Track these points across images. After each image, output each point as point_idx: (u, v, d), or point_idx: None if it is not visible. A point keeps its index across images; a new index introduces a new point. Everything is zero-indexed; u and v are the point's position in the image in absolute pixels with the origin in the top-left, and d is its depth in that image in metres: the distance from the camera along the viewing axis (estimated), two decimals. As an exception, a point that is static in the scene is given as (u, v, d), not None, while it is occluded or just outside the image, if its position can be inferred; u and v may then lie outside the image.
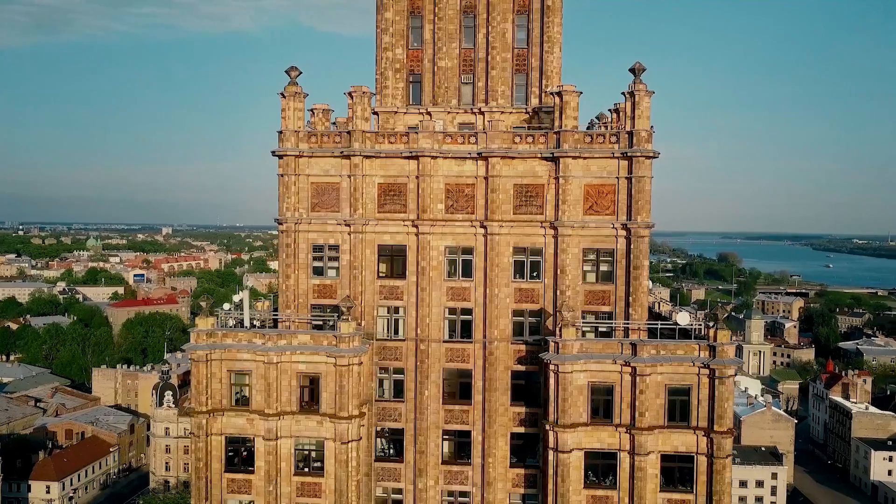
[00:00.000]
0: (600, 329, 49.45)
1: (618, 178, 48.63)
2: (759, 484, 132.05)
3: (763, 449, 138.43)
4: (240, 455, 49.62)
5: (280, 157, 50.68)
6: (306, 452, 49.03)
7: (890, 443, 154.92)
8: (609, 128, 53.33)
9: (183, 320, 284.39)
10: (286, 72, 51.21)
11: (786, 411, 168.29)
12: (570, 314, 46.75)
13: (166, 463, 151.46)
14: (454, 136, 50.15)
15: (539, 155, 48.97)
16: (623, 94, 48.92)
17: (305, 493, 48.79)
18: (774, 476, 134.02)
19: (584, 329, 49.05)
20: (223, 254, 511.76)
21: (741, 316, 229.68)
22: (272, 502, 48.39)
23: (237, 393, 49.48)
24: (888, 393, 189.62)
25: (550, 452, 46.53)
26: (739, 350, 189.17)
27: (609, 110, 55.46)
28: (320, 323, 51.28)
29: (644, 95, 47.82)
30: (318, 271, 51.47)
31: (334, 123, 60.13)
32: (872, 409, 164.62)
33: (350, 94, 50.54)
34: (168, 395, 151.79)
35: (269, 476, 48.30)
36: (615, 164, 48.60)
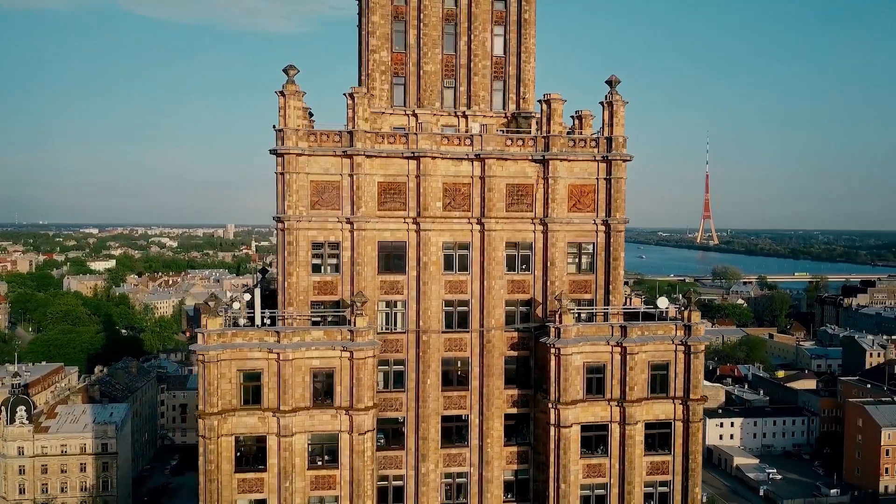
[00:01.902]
0: (581, 315, 54.74)
1: (597, 178, 54.24)
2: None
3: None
4: (250, 454, 49.32)
5: (281, 155, 50.81)
6: (320, 446, 49.81)
7: (720, 411, 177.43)
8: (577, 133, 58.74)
9: (0, 328, 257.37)
10: (284, 70, 51.42)
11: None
12: (566, 302, 51.56)
13: (20, 486, 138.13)
14: (451, 138, 53.13)
15: (530, 157, 53.34)
16: (600, 103, 54.58)
17: (319, 487, 49.65)
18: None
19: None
20: (33, 255, 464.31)
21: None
22: (288, 498, 48.74)
23: (246, 392, 49.09)
24: (711, 367, 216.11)
25: (552, 428, 51.15)
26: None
27: (571, 117, 60.75)
28: (318, 319, 52.03)
29: (620, 105, 53.78)
30: (319, 268, 52.19)
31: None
32: (705, 382, 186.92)
33: (351, 95, 51.77)
34: (21, 410, 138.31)
35: (286, 472, 48.63)
36: (595, 166, 54.15)
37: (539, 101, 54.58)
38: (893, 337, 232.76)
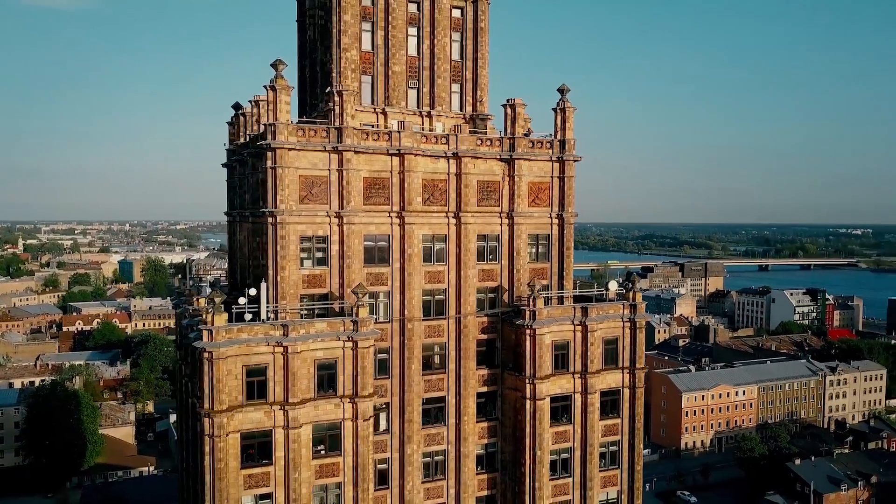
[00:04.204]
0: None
1: (552, 177, 60.38)
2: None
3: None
4: (255, 449, 48.95)
5: (273, 150, 50.74)
6: (323, 436, 50.70)
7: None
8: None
9: None
10: (272, 65, 51.36)
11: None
12: (537, 288, 57.08)
13: None
14: (429, 136, 56.28)
15: (498, 157, 58.11)
16: (553, 109, 60.70)
17: (324, 475, 50.61)
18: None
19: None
20: None
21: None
22: (297, 489, 49.19)
23: (250, 388, 48.62)
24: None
25: (528, 402, 56.52)
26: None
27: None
28: (306, 312, 52.66)
29: (571, 111, 60.34)
30: (308, 262, 52.77)
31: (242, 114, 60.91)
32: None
33: (339, 92, 52.91)
34: None
35: (295, 464, 49.01)
36: (550, 165, 60.23)
37: (503, 105, 59.53)
38: (674, 315, 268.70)
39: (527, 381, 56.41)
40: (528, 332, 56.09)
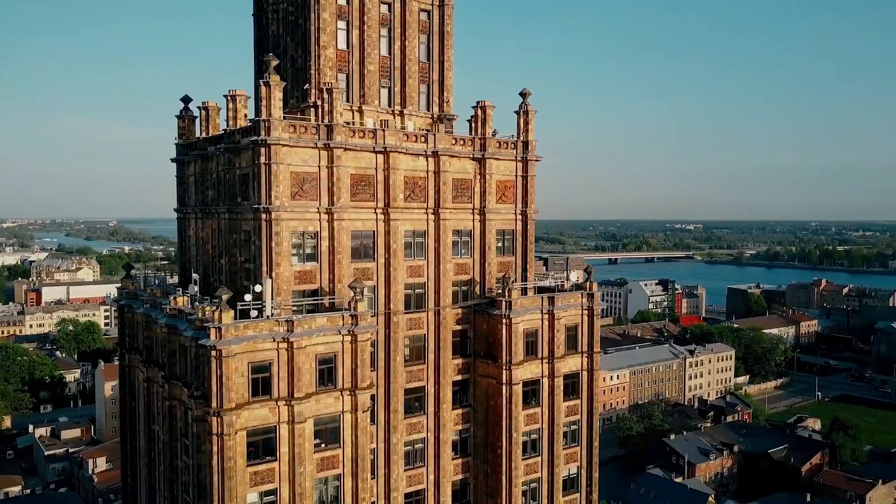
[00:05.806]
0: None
1: (517, 175, 63.96)
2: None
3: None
4: (260, 446, 48.55)
5: (267, 146, 50.46)
6: (323, 429, 51.09)
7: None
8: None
9: None
10: (264, 61, 51.12)
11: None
12: (511, 280, 60.41)
13: None
14: (410, 135, 57.96)
15: (471, 156, 60.85)
16: (515, 112, 64.28)
17: (325, 467, 51.05)
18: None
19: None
20: None
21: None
22: (302, 483, 49.37)
23: (255, 384, 48.20)
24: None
25: (504, 387, 59.73)
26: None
27: (468, 120, 69.05)
28: (296, 308, 52.78)
29: (532, 114, 64.19)
30: (300, 258, 52.88)
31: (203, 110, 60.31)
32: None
33: (329, 90, 53.36)
34: None
35: (300, 458, 49.17)
36: (514, 165, 63.79)
37: (473, 106, 62.32)
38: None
39: (503, 367, 59.66)
40: (504, 321, 59.33)
